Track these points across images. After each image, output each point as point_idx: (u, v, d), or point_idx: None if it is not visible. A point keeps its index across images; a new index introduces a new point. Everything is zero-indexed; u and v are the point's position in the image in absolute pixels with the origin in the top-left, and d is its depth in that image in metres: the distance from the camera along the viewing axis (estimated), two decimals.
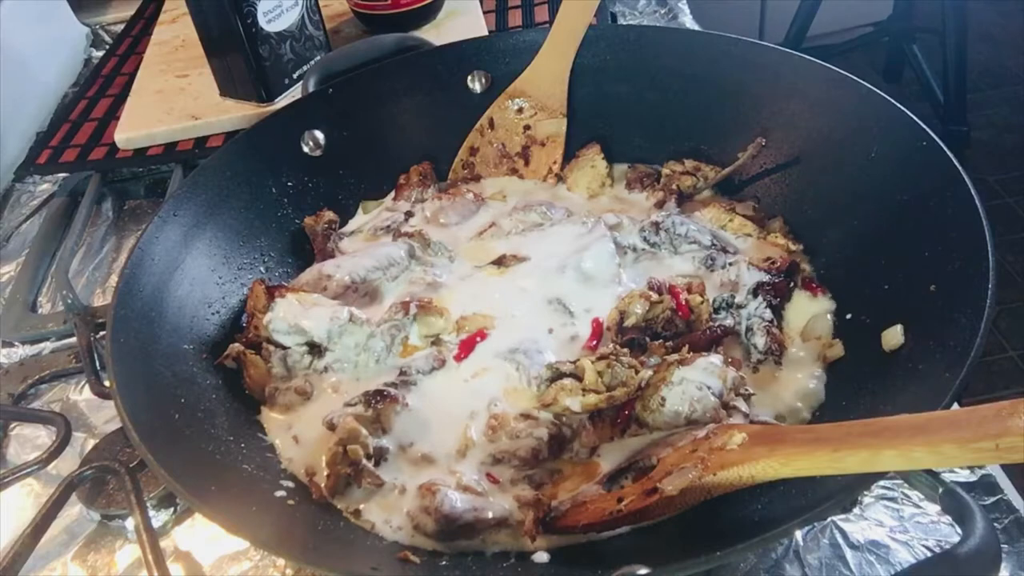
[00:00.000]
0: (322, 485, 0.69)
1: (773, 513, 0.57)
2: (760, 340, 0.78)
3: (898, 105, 0.80)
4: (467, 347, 0.80)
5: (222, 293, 0.87)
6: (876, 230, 0.79)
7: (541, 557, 0.63)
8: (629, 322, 0.79)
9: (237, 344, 0.81)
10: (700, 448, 0.61)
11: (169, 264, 0.83)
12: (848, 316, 0.79)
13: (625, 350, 0.75)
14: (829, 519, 0.69)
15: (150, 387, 0.72)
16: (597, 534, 0.64)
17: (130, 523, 0.74)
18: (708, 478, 0.58)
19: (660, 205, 0.95)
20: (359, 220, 1.01)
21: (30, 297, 1.06)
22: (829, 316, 0.79)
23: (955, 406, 0.55)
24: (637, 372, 0.72)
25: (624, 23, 1.36)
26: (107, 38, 1.64)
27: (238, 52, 1.15)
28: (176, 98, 1.27)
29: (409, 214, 0.99)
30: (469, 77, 1.05)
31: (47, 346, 0.98)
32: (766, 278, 0.81)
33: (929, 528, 0.67)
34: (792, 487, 0.58)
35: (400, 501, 0.69)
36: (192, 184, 0.89)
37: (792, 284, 0.83)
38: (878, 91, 0.83)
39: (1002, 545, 0.65)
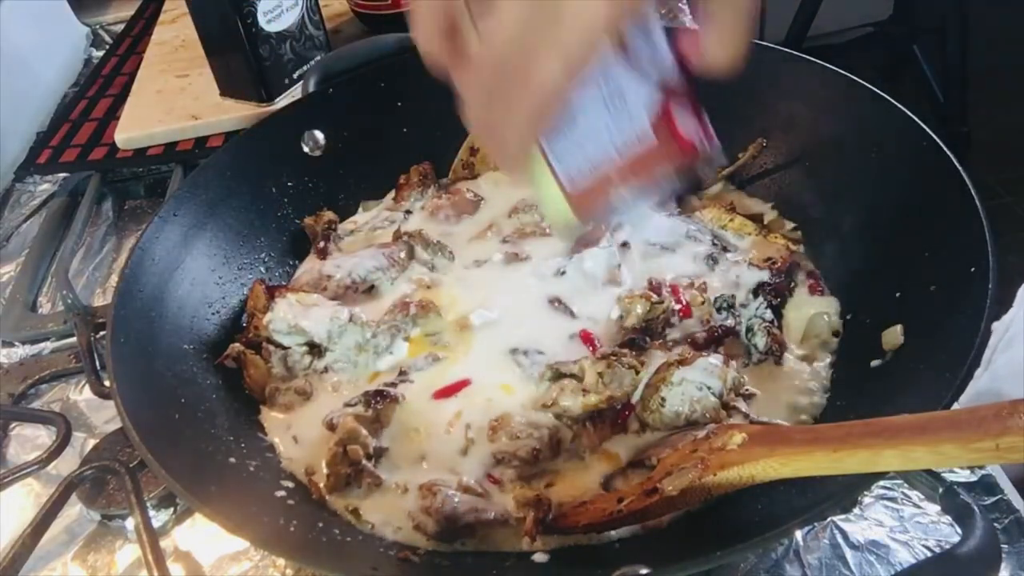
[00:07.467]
0: (321, 485, 0.69)
1: (773, 513, 0.57)
2: (761, 340, 0.77)
3: (898, 105, 0.80)
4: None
5: (222, 293, 0.87)
6: (876, 230, 0.79)
7: (541, 557, 0.63)
8: (629, 322, 0.79)
9: (237, 344, 0.81)
10: (700, 448, 0.61)
11: (169, 264, 0.83)
12: (848, 316, 0.79)
13: (625, 350, 0.75)
14: (829, 519, 0.68)
15: (150, 387, 0.72)
16: (597, 534, 0.64)
17: (130, 523, 0.74)
18: (708, 478, 0.58)
19: (660, 205, 0.94)
20: (359, 220, 1.01)
21: (30, 297, 1.05)
22: (829, 316, 0.79)
23: (955, 406, 0.55)
24: (637, 372, 0.72)
25: None
26: (107, 38, 1.64)
27: (238, 52, 1.15)
28: (176, 98, 1.27)
29: (409, 213, 0.99)
30: None
31: (47, 346, 0.98)
32: (766, 278, 0.81)
33: (929, 528, 0.67)
34: (792, 487, 0.58)
35: (401, 501, 0.69)
36: (192, 184, 0.89)
37: (792, 284, 0.83)
38: (878, 91, 0.82)
39: (1002, 545, 0.65)
